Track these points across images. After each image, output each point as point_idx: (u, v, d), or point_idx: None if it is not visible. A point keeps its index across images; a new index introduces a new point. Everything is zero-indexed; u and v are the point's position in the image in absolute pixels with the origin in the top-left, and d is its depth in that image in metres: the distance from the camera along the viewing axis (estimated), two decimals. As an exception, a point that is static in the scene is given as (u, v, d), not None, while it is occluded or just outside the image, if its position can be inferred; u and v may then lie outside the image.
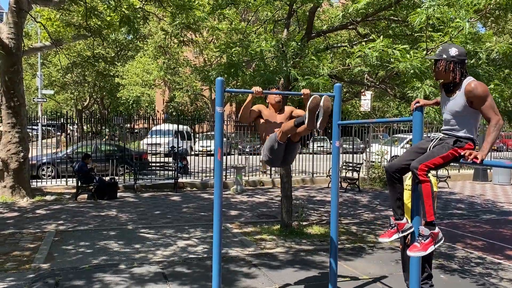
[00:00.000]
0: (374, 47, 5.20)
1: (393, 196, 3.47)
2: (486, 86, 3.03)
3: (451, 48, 3.16)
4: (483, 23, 11.60)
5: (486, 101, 2.97)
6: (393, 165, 3.41)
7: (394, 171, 3.38)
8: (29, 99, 32.79)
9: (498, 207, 11.53)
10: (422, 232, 3.13)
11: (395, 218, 3.48)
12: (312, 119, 3.72)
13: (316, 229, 8.24)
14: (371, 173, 15.62)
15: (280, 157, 4.38)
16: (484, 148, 2.92)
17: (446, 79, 3.18)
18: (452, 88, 3.17)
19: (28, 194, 11.19)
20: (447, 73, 3.13)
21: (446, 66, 3.12)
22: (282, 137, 4.13)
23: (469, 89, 3.01)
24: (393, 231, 3.47)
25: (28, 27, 24.26)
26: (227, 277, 5.50)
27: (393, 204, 3.49)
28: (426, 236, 3.11)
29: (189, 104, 36.51)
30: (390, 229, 3.50)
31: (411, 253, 3.14)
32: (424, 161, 3.06)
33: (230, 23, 9.09)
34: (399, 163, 3.37)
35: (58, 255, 6.51)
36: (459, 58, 3.11)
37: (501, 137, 28.58)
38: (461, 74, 3.12)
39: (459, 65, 3.11)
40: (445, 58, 3.13)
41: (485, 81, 5.47)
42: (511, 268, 6.33)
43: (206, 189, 13.80)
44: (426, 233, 3.11)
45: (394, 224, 3.47)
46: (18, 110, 11.14)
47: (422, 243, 3.11)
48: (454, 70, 3.11)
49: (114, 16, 12.53)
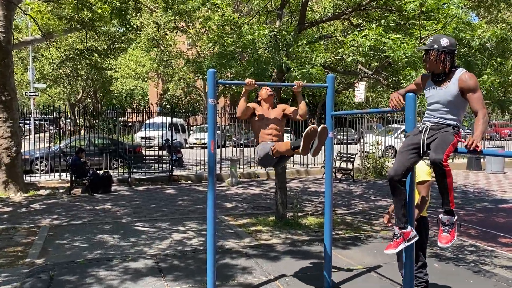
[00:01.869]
0: (367, 36, 5.17)
1: (398, 204, 3.35)
2: (476, 79, 3.11)
3: (442, 38, 3.19)
4: (476, 12, 11.59)
5: (477, 93, 3.05)
6: (397, 171, 3.29)
7: (401, 177, 3.30)
8: (21, 93, 32.48)
9: (491, 196, 11.62)
10: (448, 221, 3.16)
11: (400, 227, 3.38)
12: (307, 147, 3.85)
13: (311, 219, 8.27)
14: (365, 163, 15.67)
15: (272, 163, 4.57)
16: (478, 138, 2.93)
17: (436, 69, 3.21)
18: (443, 78, 3.20)
19: (21, 189, 11.13)
20: (438, 63, 3.17)
21: (437, 56, 3.15)
22: (276, 154, 4.24)
23: (462, 79, 3.08)
24: (399, 241, 3.38)
25: (18, 20, 23.95)
26: (222, 269, 5.50)
27: (398, 212, 3.37)
28: (453, 224, 3.15)
29: (183, 97, 36.33)
30: (396, 239, 3.40)
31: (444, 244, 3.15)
32: (445, 151, 3.00)
33: (222, 14, 9.02)
34: (403, 167, 3.28)
35: (53, 250, 6.49)
36: (450, 49, 3.15)
37: (494, 126, 28.74)
38: (450, 64, 3.16)
39: (449, 55, 3.15)
40: (436, 48, 3.15)
41: (478, 70, 5.47)
42: (504, 255, 6.39)
43: (201, 182, 13.79)
44: (453, 221, 3.16)
45: (400, 234, 3.39)
46: (10, 105, 11.03)
47: (451, 231, 3.16)
48: (444, 60, 3.14)
49: (105, 8, 12.39)
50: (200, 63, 7.68)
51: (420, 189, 4.16)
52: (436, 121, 3.21)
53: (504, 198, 11.31)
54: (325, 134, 3.87)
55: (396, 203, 3.38)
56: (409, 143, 3.30)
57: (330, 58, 6.71)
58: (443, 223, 3.18)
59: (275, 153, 4.21)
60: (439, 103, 3.21)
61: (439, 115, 3.21)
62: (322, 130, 3.83)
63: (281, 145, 4.19)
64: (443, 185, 3.07)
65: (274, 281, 5.18)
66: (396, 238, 3.42)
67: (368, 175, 15.29)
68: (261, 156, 4.41)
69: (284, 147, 4.13)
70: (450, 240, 3.15)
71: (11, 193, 10.94)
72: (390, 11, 7.46)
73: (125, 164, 14.80)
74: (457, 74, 3.13)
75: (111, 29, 27.93)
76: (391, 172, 3.34)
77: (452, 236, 3.15)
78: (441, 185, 3.08)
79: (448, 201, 3.11)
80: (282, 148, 4.15)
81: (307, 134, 3.78)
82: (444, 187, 3.07)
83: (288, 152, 4.14)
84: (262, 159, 4.44)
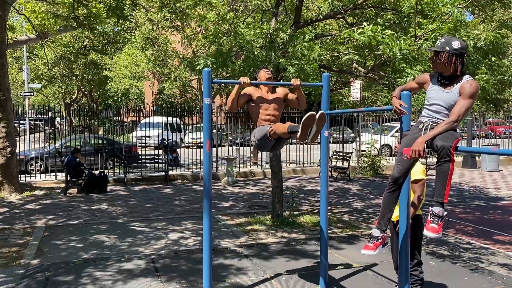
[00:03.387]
0: (363, 33, 5.19)
1: (390, 207, 3.37)
2: (478, 91, 3.08)
3: (454, 41, 3.16)
4: (470, 11, 11.63)
5: (466, 100, 3.05)
6: (402, 171, 3.30)
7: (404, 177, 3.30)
8: (16, 93, 32.33)
9: (486, 194, 11.68)
10: (439, 213, 3.09)
11: (382, 231, 3.40)
12: (305, 133, 3.85)
13: (308, 218, 8.28)
14: (361, 162, 15.71)
15: (270, 146, 4.47)
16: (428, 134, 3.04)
17: (446, 71, 3.18)
18: (449, 81, 3.18)
19: (16, 190, 11.07)
20: (448, 65, 3.14)
21: (448, 58, 3.13)
22: (273, 135, 4.21)
23: (464, 85, 3.09)
24: (378, 243, 3.40)
25: (12, 19, 23.82)
26: (218, 269, 5.50)
27: (386, 214, 3.38)
28: (442, 217, 3.09)
29: (178, 96, 36.26)
30: (376, 241, 3.41)
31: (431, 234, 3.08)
32: (453, 141, 2.99)
33: (218, 13, 9.02)
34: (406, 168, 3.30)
35: (48, 250, 6.46)
36: (461, 51, 3.13)
37: (489, 124, 28.86)
38: (461, 67, 3.15)
39: (459, 58, 3.13)
40: (447, 51, 3.12)
41: (472, 68, 5.50)
42: (500, 252, 6.42)
43: (197, 181, 13.77)
44: (442, 214, 3.09)
45: (380, 237, 3.40)
46: (4, 105, 10.96)
47: (439, 223, 3.09)
48: (455, 63, 3.13)
49: (100, 7, 12.33)
50: (196, 63, 7.66)
51: (415, 187, 4.17)
52: (437, 122, 3.20)
53: (499, 196, 11.36)
54: (323, 120, 3.87)
55: (388, 205, 3.38)
56: (409, 143, 3.30)
57: (325, 56, 6.71)
58: (433, 214, 3.13)
59: (272, 134, 4.18)
60: (441, 105, 3.20)
61: (440, 116, 3.20)
62: (320, 116, 3.84)
63: (278, 126, 4.16)
64: (443, 176, 3.03)
65: (271, 279, 5.18)
66: (376, 240, 3.42)
67: (364, 173, 15.33)
68: (258, 138, 4.36)
69: (281, 129, 4.09)
70: (437, 232, 3.09)
71: (6, 194, 10.89)
72: (385, 10, 7.48)
73: (121, 164, 14.76)
74: (463, 80, 3.13)
75: (106, 29, 27.83)
76: (395, 174, 3.32)
77: (439, 228, 3.09)
78: (440, 176, 3.05)
79: (443, 193, 3.08)
80: (279, 129, 4.12)
81: (306, 120, 3.78)
82: (444, 177, 3.03)
83: (285, 135, 4.12)
84: (259, 141, 4.38)
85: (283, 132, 4.08)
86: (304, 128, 3.82)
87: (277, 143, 4.44)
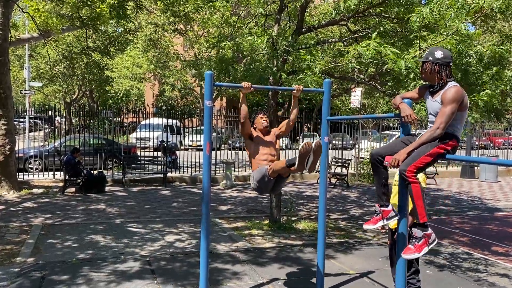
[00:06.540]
0: (368, 47, 5.20)
1: (379, 182, 3.49)
2: (459, 95, 3.09)
3: (437, 51, 3.27)
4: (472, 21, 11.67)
5: (447, 106, 3.08)
6: (380, 152, 3.45)
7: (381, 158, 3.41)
8: (16, 91, 32.30)
9: (484, 204, 11.68)
10: (415, 234, 3.14)
11: (380, 205, 3.49)
12: (302, 163, 3.87)
13: (305, 224, 8.27)
14: (360, 169, 15.71)
15: (270, 187, 4.43)
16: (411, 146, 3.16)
17: (432, 81, 3.28)
18: (436, 90, 3.25)
19: (14, 187, 11.05)
20: (433, 75, 3.24)
21: (432, 68, 3.23)
22: (272, 174, 4.22)
23: (445, 92, 3.14)
24: (378, 218, 3.48)
25: (15, 18, 23.85)
26: (214, 273, 5.49)
27: (378, 190, 3.51)
28: (420, 238, 3.13)
29: (179, 99, 36.27)
30: (375, 216, 3.51)
31: (406, 255, 3.16)
32: (412, 162, 3.08)
33: (221, 16, 9.04)
34: (385, 152, 3.42)
35: (45, 249, 6.44)
36: (444, 61, 3.21)
37: (488, 135, 28.89)
38: (446, 76, 3.21)
39: (443, 67, 3.21)
40: (431, 60, 3.23)
41: (474, 78, 5.51)
42: (497, 263, 6.41)
43: (195, 184, 13.76)
44: (419, 235, 3.13)
45: (379, 211, 3.49)
46: (5, 102, 10.96)
47: (416, 245, 3.13)
48: (439, 72, 3.22)
49: (103, 7, 12.35)
50: (201, 68, 7.67)
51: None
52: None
53: (497, 206, 11.36)
54: (319, 149, 3.89)
55: (376, 181, 3.51)
56: (405, 139, 3.42)
57: (328, 66, 6.73)
58: (412, 236, 3.19)
59: (272, 173, 4.19)
60: (432, 114, 3.28)
61: (432, 125, 3.25)
62: (316, 146, 3.85)
63: (276, 164, 4.18)
64: (411, 197, 3.12)
65: (267, 284, 5.17)
66: (376, 215, 3.51)
67: (362, 180, 15.33)
68: (257, 179, 4.33)
69: (280, 165, 4.11)
70: (413, 253, 3.13)
71: (4, 191, 10.86)
72: (387, 19, 7.51)
73: (120, 165, 14.75)
74: (445, 88, 3.19)
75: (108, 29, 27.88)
76: (373, 150, 3.51)
77: (416, 250, 3.12)
78: (411, 197, 3.14)
79: (417, 214, 3.15)
80: (278, 166, 4.13)
81: (301, 149, 3.80)
82: (412, 199, 3.11)
83: (284, 170, 4.12)
84: (259, 182, 4.34)
85: (282, 167, 4.09)
86: (301, 158, 3.84)
87: (277, 182, 4.42)
